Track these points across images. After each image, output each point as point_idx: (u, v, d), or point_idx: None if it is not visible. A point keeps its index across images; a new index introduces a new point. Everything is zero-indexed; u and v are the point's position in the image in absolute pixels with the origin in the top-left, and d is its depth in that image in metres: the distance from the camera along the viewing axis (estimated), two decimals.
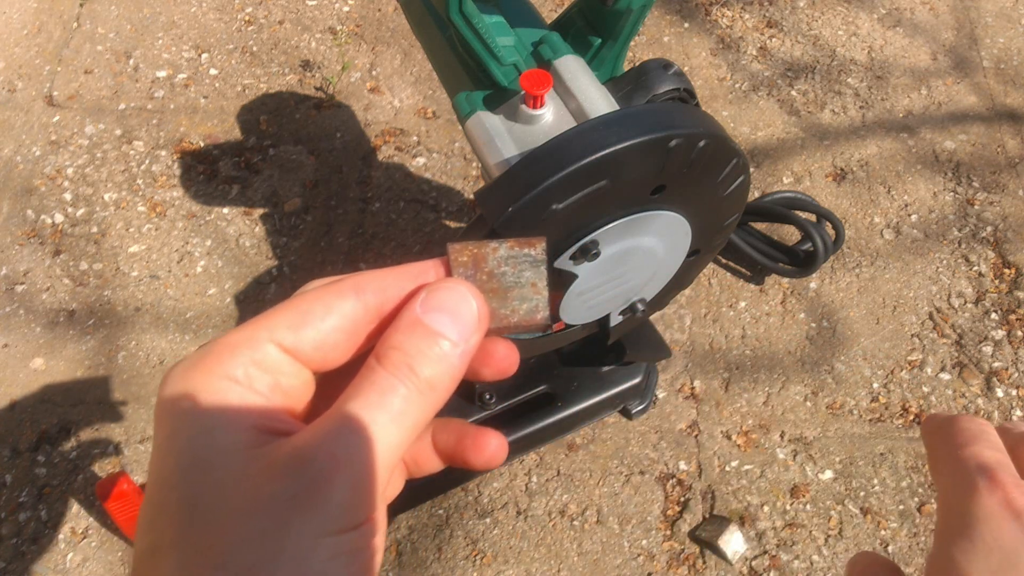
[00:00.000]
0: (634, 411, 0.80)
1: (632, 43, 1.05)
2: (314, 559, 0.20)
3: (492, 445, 0.27)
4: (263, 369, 0.22)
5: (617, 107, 0.52)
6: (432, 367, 0.22)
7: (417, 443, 0.28)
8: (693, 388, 0.85)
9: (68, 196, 0.95)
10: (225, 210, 0.95)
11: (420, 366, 0.22)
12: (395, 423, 0.22)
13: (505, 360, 0.26)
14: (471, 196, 0.98)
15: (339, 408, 0.22)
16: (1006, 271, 0.93)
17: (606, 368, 0.76)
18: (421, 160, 1.00)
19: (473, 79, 0.55)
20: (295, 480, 0.20)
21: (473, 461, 0.27)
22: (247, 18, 1.12)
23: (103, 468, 0.79)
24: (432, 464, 0.28)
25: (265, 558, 0.20)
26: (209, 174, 0.98)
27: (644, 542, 0.76)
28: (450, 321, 0.23)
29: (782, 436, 0.82)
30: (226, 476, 0.21)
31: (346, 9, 1.13)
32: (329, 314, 0.23)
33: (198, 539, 0.20)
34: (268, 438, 0.21)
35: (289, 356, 0.23)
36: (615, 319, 0.60)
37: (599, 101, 0.51)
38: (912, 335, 0.88)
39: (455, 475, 0.77)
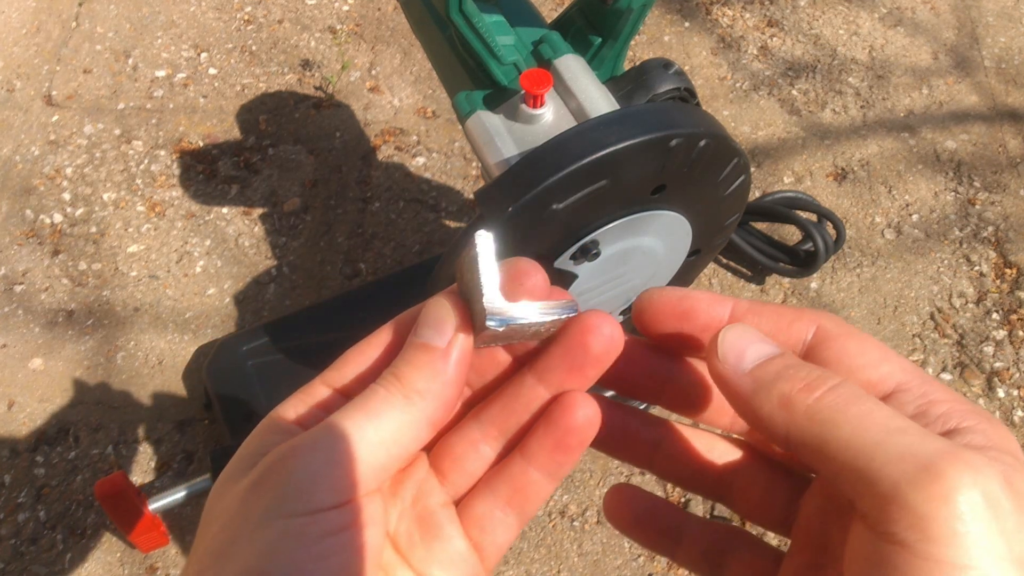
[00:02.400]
0: None
1: (632, 42, 1.05)
2: (263, 538, 0.21)
3: (579, 414, 0.25)
4: (317, 407, 0.24)
5: (617, 106, 0.52)
6: (416, 373, 0.23)
7: (518, 479, 0.25)
8: None
9: (67, 196, 0.95)
10: (224, 210, 0.95)
11: (405, 375, 0.23)
12: (372, 422, 0.22)
13: (609, 342, 0.24)
14: (471, 196, 0.97)
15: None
16: (1007, 271, 0.92)
17: None
18: (421, 160, 1.00)
19: (473, 78, 0.55)
20: (257, 470, 0.22)
21: (567, 449, 0.25)
22: (246, 17, 1.12)
23: (102, 468, 0.78)
24: (542, 490, 0.26)
25: (228, 541, 0.21)
26: (208, 174, 0.97)
27: None
28: (433, 331, 0.24)
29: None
30: (232, 491, 0.23)
31: (346, 8, 1.13)
32: (368, 348, 0.25)
33: (197, 545, 0.22)
34: None
35: (340, 394, 0.24)
36: (615, 319, 0.60)
37: (599, 100, 0.51)
38: (913, 335, 0.88)
39: None
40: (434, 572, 0.25)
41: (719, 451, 0.27)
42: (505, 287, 0.24)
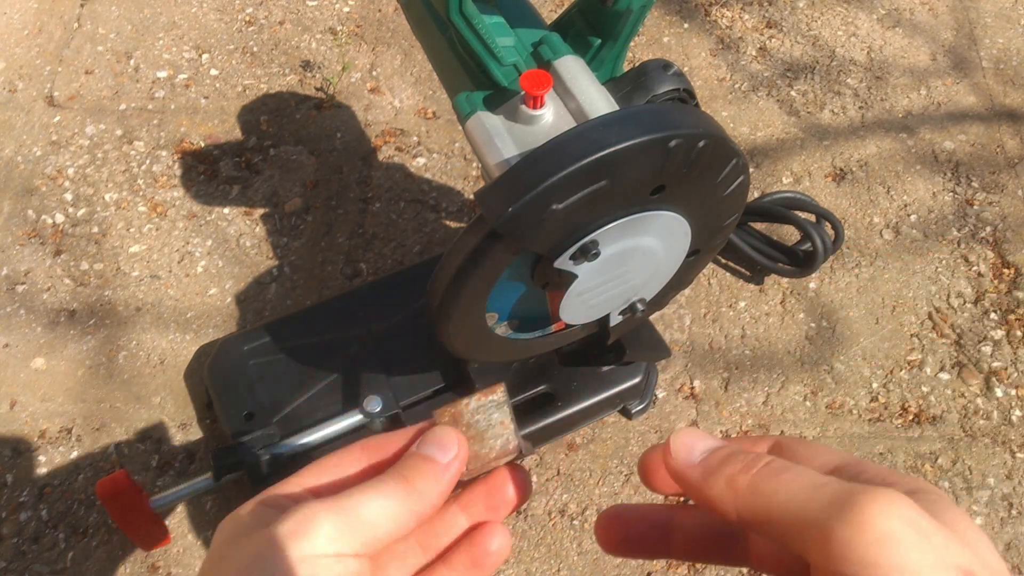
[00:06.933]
0: (634, 411, 0.81)
1: (632, 43, 1.05)
2: (303, 570, 0.25)
3: (494, 544, 0.31)
4: (294, 501, 0.29)
5: (617, 107, 0.52)
6: (420, 477, 0.29)
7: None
8: (693, 388, 0.85)
9: (69, 196, 0.95)
10: (226, 210, 0.95)
11: (409, 475, 0.29)
12: (376, 500, 0.27)
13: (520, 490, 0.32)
14: (471, 196, 0.98)
15: None
16: (1005, 271, 0.93)
17: (606, 368, 0.76)
18: (421, 160, 1.00)
19: (473, 79, 0.55)
20: (289, 518, 0.27)
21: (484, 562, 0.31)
22: (247, 18, 1.12)
23: (103, 468, 0.79)
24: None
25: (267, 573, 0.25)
26: (210, 174, 0.98)
27: None
28: (439, 450, 0.29)
29: (781, 436, 0.82)
30: (242, 537, 0.27)
31: (346, 9, 1.14)
32: (340, 460, 0.30)
33: None
34: None
35: (313, 495, 0.29)
36: (615, 319, 0.60)
37: (599, 101, 0.51)
38: (911, 335, 0.89)
39: None
40: None
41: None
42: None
